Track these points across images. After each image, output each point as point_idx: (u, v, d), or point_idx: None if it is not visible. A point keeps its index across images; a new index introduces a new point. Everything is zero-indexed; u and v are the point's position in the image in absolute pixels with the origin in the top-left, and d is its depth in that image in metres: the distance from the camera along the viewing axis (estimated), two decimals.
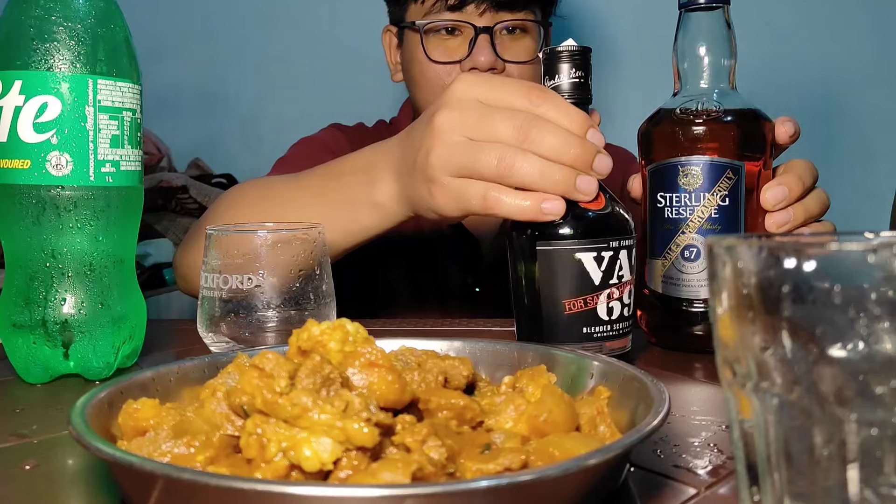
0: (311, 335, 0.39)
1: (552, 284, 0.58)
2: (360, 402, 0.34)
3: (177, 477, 0.30)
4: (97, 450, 0.34)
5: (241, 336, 0.63)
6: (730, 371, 0.29)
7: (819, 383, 0.26)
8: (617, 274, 0.58)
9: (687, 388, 0.59)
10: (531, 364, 0.48)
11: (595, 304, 0.58)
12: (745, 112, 0.68)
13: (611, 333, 0.59)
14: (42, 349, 0.59)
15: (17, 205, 0.58)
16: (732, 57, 0.69)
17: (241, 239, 0.63)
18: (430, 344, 0.50)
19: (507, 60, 1.03)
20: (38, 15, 0.57)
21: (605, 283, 0.58)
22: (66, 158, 0.58)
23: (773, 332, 0.27)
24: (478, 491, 0.30)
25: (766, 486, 0.28)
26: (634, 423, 0.40)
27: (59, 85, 0.57)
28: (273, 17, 1.86)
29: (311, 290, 0.65)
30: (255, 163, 1.39)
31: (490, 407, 0.41)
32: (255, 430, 0.33)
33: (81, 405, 0.38)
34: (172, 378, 0.46)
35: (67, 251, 0.59)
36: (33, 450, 0.45)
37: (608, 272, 0.58)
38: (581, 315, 0.58)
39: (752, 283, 0.27)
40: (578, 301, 0.58)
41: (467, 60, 1.02)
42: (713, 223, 0.67)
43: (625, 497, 0.38)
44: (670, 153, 0.69)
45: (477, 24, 1.01)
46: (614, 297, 0.58)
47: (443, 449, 0.34)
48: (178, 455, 0.35)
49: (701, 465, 0.42)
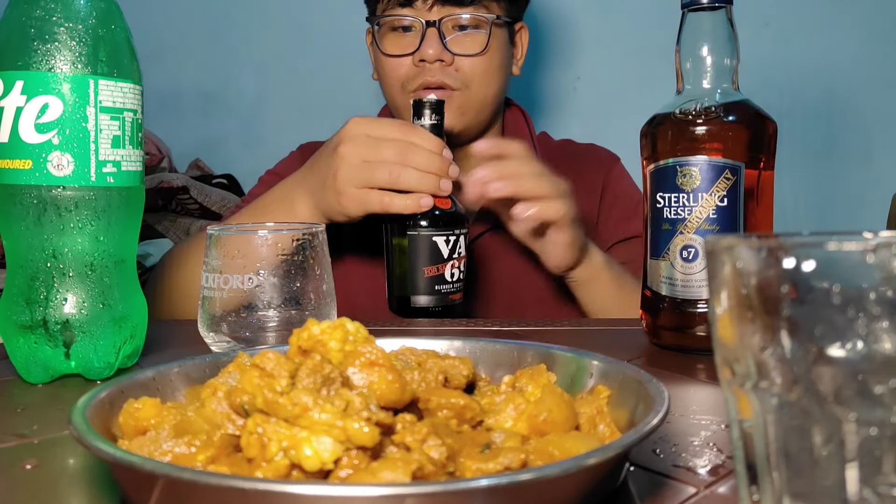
0: (312, 335, 0.40)
1: (416, 257, 0.87)
2: (361, 402, 0.34)
3: (177, 476, 0.31)
4: (98, 449, 0.34)
5: (241, 336, 0.64)
6: (729, 371, 0.29)
7: (818, 383, 0.26)
8: (458, 251, 0.88)
9: (686, 388, 0.59)
10: (531, 363, 0.48)
11: (444, 271, 0.87)
12: (744, 112, 0.68)
13: (452, 290, 0.88)
14: (43, 349, 0.59)
15: (19, 205, 0.58)
16: (735, 57, 0.69)
17: (241, 239, 0.63)
18: (430, 343, 0.50)
19: (456, 53, 1.05)
20: (40, 15, 0.57)
21: (450, 256, 0.87)
22: (67, 159, 0.58)
23: (772, 331, 0.27)
24: (478, 490, 0.30)
25: (766, 485, 0.28)
26: (634, 422, 0.40)
27: (60, 85, 0.57)
28: (273, 17, 1.86)
29: (311, 289, 0.65)
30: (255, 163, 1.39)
31: (490, 406, 0.41)
32: (256, 430, 0.34)
33: (82, 405, 0.38)
34: (173, 378, 0.46)
35: (68, 251, 0.59)
36: (34, 449, 0.45)
37: (452, 249, 0.87)
38: (435, 277, 0.87)
39: (752, 283, 0.27)
40: (433, 268, 0.87)
41: (416, 53, 1.05)
42: (712, 223, 0.67)
43: (624, 496, 0.38)
44: (669, 153, 0.69)
45: (427, 18, 1.05)
46: (455, 266, 0.88)
47: (443, 448, 0.34)
48: (178, 454, 0.35)
49: (700, 464, 0.42)
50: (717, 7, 0.68)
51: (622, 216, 1.15)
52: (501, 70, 1.11)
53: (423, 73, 1.05)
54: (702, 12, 0.68)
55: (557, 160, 1.19)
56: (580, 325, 0.86)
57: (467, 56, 1.06)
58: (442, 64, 1.05)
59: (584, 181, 1.17)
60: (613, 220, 1.15)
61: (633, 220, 1.13)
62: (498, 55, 1.09)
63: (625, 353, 0.70)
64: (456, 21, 1.06)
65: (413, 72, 1.05)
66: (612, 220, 1.15)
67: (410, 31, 1.07)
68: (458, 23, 1.06)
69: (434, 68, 1.05)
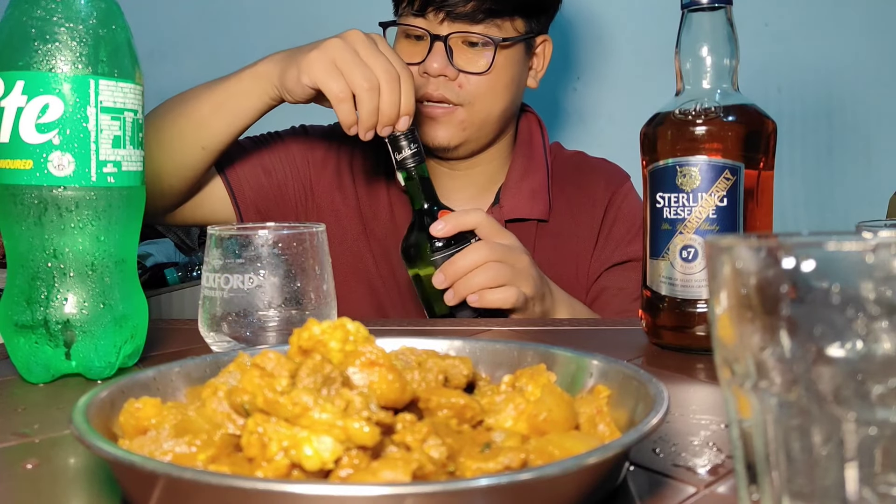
0: (312, 334, 0.40)
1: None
2: (361, 402, 0.34)
3: (178, 476, 0.31)
4: (99, 449, 0.34)
5: (242, 335, 0.64)
6: (729, 370, 0.29)
7: (818, 383, 0.26)
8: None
9: (686, 388, 0.59)
10: (531, 363, 0.48)
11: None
12: (743, 112, 0.68)
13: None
14: (44, 349, 0.59)
15: (19, 205, 0.58)
16: (735, 57, 0.69)
17: (242, 239, 0.63)
18: (430, 343, 0.50)
19: (461, 70, 1.05)
20: (40, 16, 0.57)
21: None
22: (67, 159, 0.58)
23: (771, 331, 0.27)
24: (478, 490, 0.30)
25: (765, 484, 0.28)
26: (634, 422, 0.40)
27: (60, 85, 0.57)
28: (273, 17, 1.86)
29: (311, 289, 0.65)
30: None
31: (490, 406, 0.41)
32: (257, 429, 0.34)
33: (83, 404, 0.38)
34: (174, 377, 0.46)
35: (69, 251, 0.59)
36: (35, 449, 0.45)
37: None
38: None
39: (751, 283, 0.27)
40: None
41: (422, 65, 1.05)
42: (711, 223, 0.67)
43: (624, 496, 0.38)
44: (669, 153, 0.69)
45: (436, 31, 1.04)
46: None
47: (443, 448, 0.34)
48: (179, 454, 0.35)
49: (700, 463, 0.42)
50: (717, 7, 0.68)
51: (623, 237, 1.14)
52: (509, 88, 1.09)
53: (426, 85, 1.04)
54: (702, 12, 0.69)
55: (567, 172, 1.18)
56: (580, 325, 0.86)
57: (472, 74, 1.05)
58: (445, 79, 1.04)
59: (588, 195, 1.16)
60: (614, 240, 1.14)
61: (633, 243, 1.12)
62: (506, 74, 1.07)
63: (625, 352, 0.70)
64: (465, 38, 1.05)
65: (419, 81, 1.04)
66: (613, 240, 1.14)
67: (422, 41, 1.06)
68: (467, 39, 1.05)
69: (437, 82, 1.04)
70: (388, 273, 1.12)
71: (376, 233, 1.13)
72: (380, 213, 1.13)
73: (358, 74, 0.86)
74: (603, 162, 1.23)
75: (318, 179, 1.14)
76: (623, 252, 1.13)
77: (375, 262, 1.12)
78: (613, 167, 1.22)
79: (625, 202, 1.16)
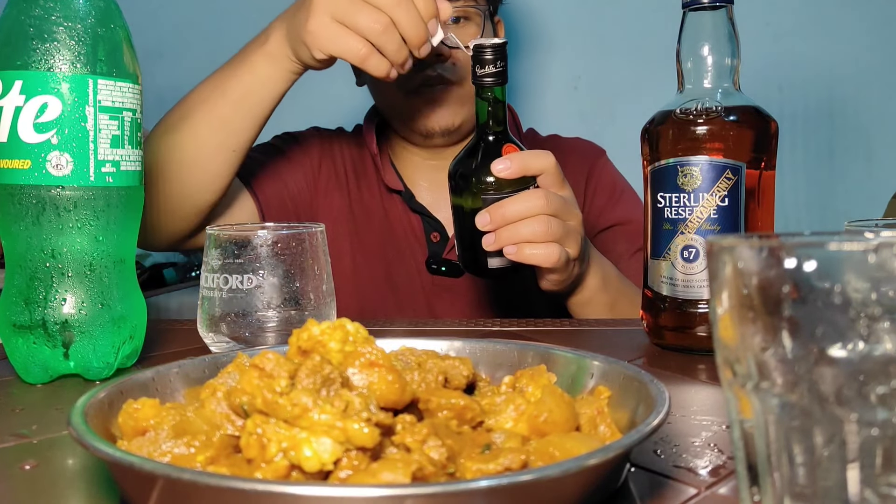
0: (312, 335, 0.39)
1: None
2: (361, 402, 0.34)
3: (177, 477, 0.30)
4: (97, 450, 0.34)
5: (241, 336, 0.63)
6: (730, 371, 0.29)
7: (819, 383, 0.26)
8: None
9: (687, 388, 0.59)
10: (531, 364, 0.48)
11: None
12: (744, 112, 0.68)
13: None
14: (42, 349, 0.59)
15: (18, 205, 0.58)
16: (736, 56, 0.69)
17: (241, 239, 0.63)
18: (430, 344, 0.50)
19: (450, 46, 1.04)
20: (39, 15, 0.57)
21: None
22: (66, 158, 0.58)
23: (773, 332, 0.27)
24: (478, 491, 0.30)
25: (767, 485, 0.28)
26: (635, 423, 0.40)
27: (59, 85, 0.57)
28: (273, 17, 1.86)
29: (311, 290, 0.65)
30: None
31: (490, 407, 0.41)
32: (256, 430, 0.33)
33: (81, 405, 0.38)
34: (172, 378, 0.46)
35: (67, 251, 0.59)
36: (33, 450, 0.45)
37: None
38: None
39: (753, 283, 0.27)
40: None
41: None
42: (713, 223, 0.67)
43: (625, 497, 0.38)
44: (670, 153, 0.68)
45: None
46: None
47: (443, 449, 0.34)
48: (178, 455, 0.35)
49: (701, 464, 0.42)
50: (718, 6, 0.68)
51: (604, 205, 1.15)
52: None
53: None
54: (702, 12, 0.68)
55: None
56: (580, 325, 0.85)
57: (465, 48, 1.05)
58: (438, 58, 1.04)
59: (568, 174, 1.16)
60: (597, 208, 1.16)
61: (616, 208, 1.14)
62: None
63: (625, 353, 0.70)
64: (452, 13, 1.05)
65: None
66: (595, 209, 1.16)
67: None
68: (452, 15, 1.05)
69: (431, 63, 1.04)
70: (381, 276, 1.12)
71: (369, 235, 1.13)
72: (373, 214, 1.14)
73: (363, 20, 0.79)
74: (577, 140, 1.25)
75: (316, 183, 1.14)
76: (607, 217, 1.14)
77: (368, 264, 1.12)
78: (588, 144, 1.24)
79: (602, 173, 1.19)
